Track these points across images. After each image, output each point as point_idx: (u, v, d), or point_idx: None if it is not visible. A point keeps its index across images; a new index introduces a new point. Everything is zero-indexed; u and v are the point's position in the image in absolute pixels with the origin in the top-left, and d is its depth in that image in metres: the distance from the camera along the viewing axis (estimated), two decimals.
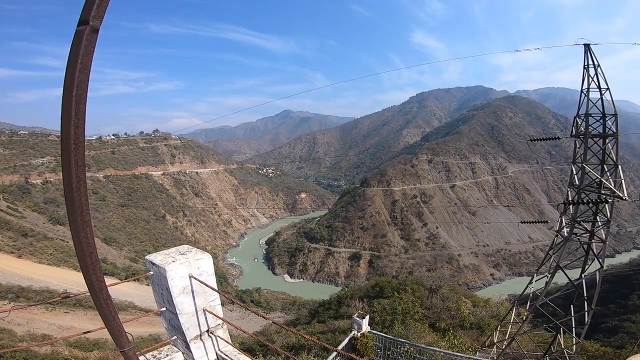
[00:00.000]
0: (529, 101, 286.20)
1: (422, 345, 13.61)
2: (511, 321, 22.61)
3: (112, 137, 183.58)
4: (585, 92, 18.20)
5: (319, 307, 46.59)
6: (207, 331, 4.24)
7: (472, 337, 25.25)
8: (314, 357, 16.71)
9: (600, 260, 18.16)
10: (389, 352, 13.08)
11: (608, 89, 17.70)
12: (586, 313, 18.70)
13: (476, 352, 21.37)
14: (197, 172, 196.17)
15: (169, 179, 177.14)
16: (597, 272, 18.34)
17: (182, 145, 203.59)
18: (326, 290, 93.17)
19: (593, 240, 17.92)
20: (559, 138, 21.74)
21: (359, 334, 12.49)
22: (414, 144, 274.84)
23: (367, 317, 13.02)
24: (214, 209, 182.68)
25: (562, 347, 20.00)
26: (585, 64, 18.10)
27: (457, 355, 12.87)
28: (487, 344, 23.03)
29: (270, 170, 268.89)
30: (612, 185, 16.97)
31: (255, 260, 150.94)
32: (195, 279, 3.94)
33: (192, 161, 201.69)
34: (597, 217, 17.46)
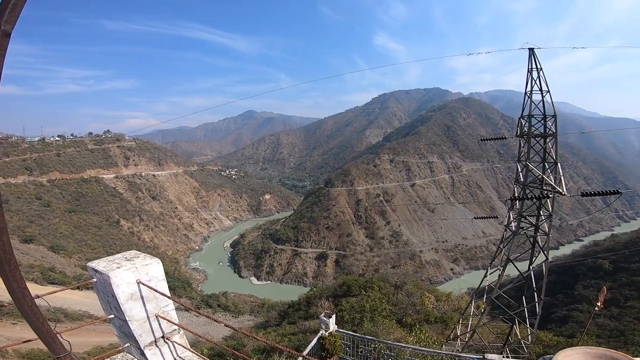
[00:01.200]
0: (480, 103, 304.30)
1: (391, 342, 13.83)
2: (471, 314, 23.67)
3: (57, 138, 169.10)
4: (528, 95, 19.39)
5: (288, 309, 46.54)
6: (163, 337, 4.18)
7: (437, 331, 26.19)
8: (286, 358, 16.53)
9: (545, 252, 19.60)
10: (359, 350, 13.15)
11: (549, 91, 18.93)
12: (537, 304, 20.05)
13: (442, 346, 22.08)
14: (154, 175, 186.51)
15: (123, 182, 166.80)
16: (543, 264, 19.79)
17: (137, 147, 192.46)
18: (295, 291, 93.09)
19: (538, 234, 19.33)
20: (505, 138, 23.26)
21: (327, 334, 12.48)
22: (376, 144, 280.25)
23: (334, 316, 13.01)
24: (174, 212, 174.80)
25: (519, 337, 21.33)
26: (530, 67, 19.17)
27: (424, 350, 13.11)
28: (451, 337, 23.90)
29: (233, 172, 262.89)
30: (553, 181, 18.43)
31: (220, 263, 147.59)
32: (143, 284, 3.86)
33: (149, 163, 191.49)
34: (541, 212, 18.89)
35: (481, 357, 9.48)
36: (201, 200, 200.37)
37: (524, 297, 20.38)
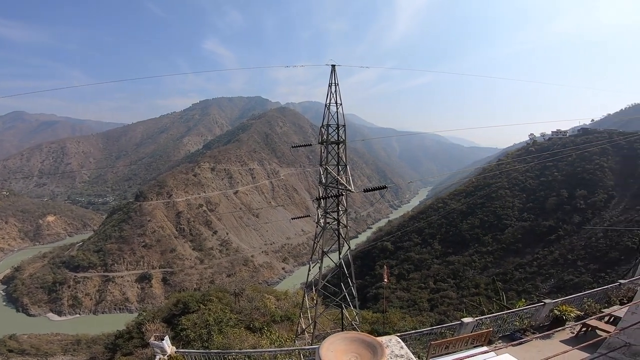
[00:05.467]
0: (294, 113, 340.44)
1: (248, 350, 13.68)
2: (308, 307, 25.09)
3: None
4: (327, 106, 21.97)
5: (117, 339, 40.48)
6: None
7: (286, 328, 27.05)
8: None
9: (347, 242, 22.84)
10: None
11: (341, 104, 21.98)
12: (352, 287, 23.01)
13: (295, 342, 22.68)
14: None
15: None
16: (348, 253, 23.00)
17: None
18: (119, 320, 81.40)
19: (340, 227, 22.28)
20: (311, 145, 25.96)
21: (166, 357, 11.10)
22: (196, 152, 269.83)
23: (167, 337, 11.67)
24: None
25: (349, 319, 23.88)
26: (330, 82, 21.50)
27: (281, 350, 13.07)
28: (299, 332, 24.63)
29: None
30: (345, 181, 21.66)
31: None
32: None
33: None
34: (339, 207, 21.86)
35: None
36: None
37: (342, 284, 23.05)
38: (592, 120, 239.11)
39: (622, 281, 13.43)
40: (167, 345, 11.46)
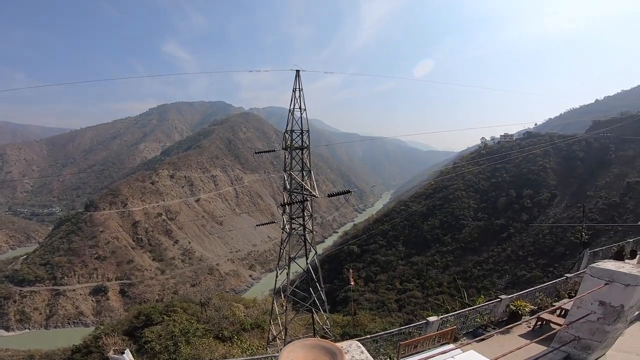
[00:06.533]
0: (258, 118, 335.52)
1: None
2: (278, 313, 24.67)
3: None
4: (292, 112, 21.83)
5: (74, 354, 37.09)
6: None
7: (257, 336, 26.55)
8: None
9: (314, 247, 22.71)
10: None
11: (305, 109, 21.99)
12: (320, 292, 22.84)
13: (267, 349, 22.35)
14: None
15: None
16: (315, 258, 22.86)
17: None
18: (74, 334, 76.59)
19: (306, 232, 22.10)
20: (274, 150, 25.63)
21: None
22: (154, 159, 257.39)
23: (127, 350, 11.41)
24: None
25: (321, 324, 23.57)
26: (294, 87, 21.42)
27: (253, 359, 13.05)
28: (270, 339, 24.14)
29: None
30: (309, 186, 21.58)
31: None
32: None
33: None
34: (305, 213, 21.71)
35: None
36: None
37: (311, 289, 22.82)
38: (536, 124, 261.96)
39: (568, 275, 14.47)
40: (129, 358, 11.26)
